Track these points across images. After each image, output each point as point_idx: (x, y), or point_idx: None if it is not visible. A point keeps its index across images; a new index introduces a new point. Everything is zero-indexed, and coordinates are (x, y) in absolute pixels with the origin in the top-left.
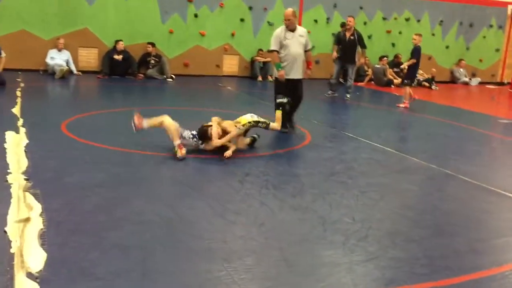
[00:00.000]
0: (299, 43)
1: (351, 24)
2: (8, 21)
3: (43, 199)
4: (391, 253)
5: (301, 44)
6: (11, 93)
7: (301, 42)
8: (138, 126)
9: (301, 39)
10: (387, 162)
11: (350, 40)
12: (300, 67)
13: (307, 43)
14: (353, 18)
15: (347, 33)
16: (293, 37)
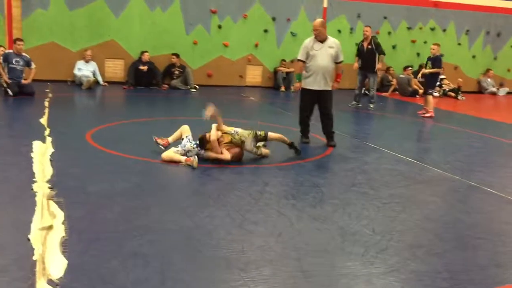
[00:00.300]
0: (328, 54)
1: (367, 34)
2: (39, 33)
3: (66, 207)
4: (412, 266)
5: (330, 56)
6: (40, 103)
7: (330, 53)
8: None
9: (330, 51)
10: (409, 173)
11: (368, 49)
12: (325, 79)
13: (337, 54)
14: (369, 28)
15: (364, 43)
16: (321, 48)
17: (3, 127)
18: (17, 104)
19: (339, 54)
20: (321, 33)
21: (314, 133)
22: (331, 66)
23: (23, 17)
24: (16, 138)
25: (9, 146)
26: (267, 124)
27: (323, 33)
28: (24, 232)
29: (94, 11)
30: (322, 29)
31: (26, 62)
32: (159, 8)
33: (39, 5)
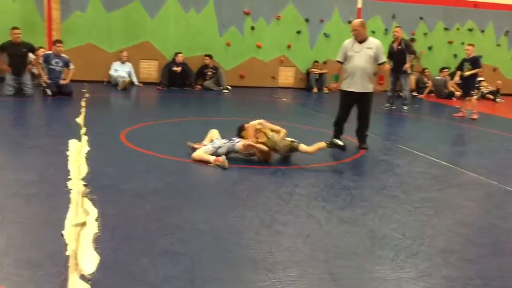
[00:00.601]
0: (366, 55)
1: (397, 35)
2: (77, 35)
3: (99, 205)
4: (444, 271)
5: (368, 57)
6: (77, 103)
7: (368, 54)
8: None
9: (368, 52)
10: (443, 177)
11: (398, 50)
12: (363, 80)
13: (377, 56)
14: (400, 28)
15: (394, 44)
16: (361, 49)
17: (42, 126)
18: (55, 103)
19: (379, 55)
20: (359, 33)
21: (345, 135)
22: (369, 68)
23: (62, 19)
24: (54, 137)
25: (47, 144)
26: (300, 126)
27: (362, 33)
28: (59, 228)
29: (130, 13)
30: (361, 29)
31: (65, 62)
32: (193, 10)
33: (78, 8)
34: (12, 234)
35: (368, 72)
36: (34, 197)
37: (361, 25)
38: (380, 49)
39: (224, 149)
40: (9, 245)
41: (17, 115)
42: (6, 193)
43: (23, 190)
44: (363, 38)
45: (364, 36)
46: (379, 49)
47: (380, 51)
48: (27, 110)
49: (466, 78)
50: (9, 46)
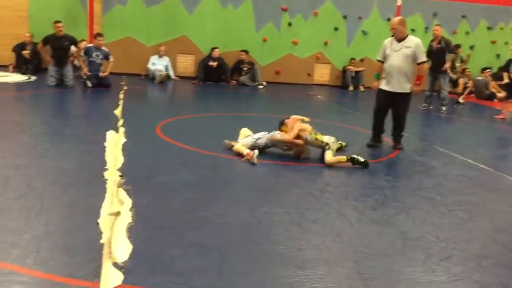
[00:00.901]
0: (403, 54)
1: (437, 33)
2: (117, 28)
3: (134, 195)
4: (477, 276)
5: (405, 56)
6: (115, 95)
7: (405, 53)
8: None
9: (406, 50)
10: (480, 180)
11: (437, 49)
12: (399, 80)
13: (415, 55)
14: (439, 27)
15: (434, 42)
16: (399, 48)
17: (81, 117)
18: (95, 95)
19: (418, 54)
20: (398, 31)
21: (383, 136)
22: (407, 67)
23: (103, 12)
24: (92, 128)
25: (86, 134)
26: (335, 124)
27: (401, 32)
28: (94, 216)
29: (169, 8)
30: (400, 27)
31: (105, 55)
32: (231, 5)
33: (119, 1)
34: (50, 221)
35: (406, 71)
36: (72, 185)
37: (400, 23)
38: (419, 47)
39: (263, 140)
40: (47, 232)
41: (58, 105)
42: (46, 180)
43: (62, 178)
44: (402, 37)
45: (403, 34)
46: (418, 48)
47: (419, 49)
48: (67, 101)
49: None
50: (52, 39)
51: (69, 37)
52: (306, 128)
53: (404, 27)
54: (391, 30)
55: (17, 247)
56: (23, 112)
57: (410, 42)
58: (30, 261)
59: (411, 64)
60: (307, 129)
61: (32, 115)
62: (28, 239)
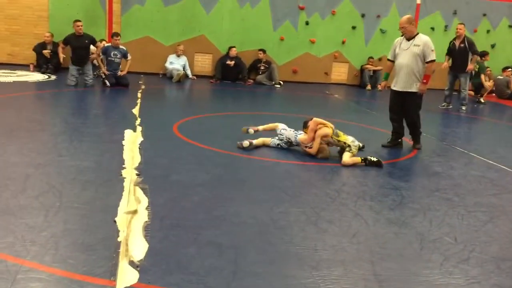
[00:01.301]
0: (412, 53)
1: (461, 32)
2: (135, 28)
3: (150, 194)
4: (495, 279)
5: (413, 54)
6: (133, 94)
7: (414, 52)
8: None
9: (415, 49)
10: (500, 181)
11: (460, 48)
12: (407, 79)
13: (424, 53)
14: (463, 25)
15: (456, 41)
16: (408, 47)
17: (100, 115)
18: (113, 94)
19: (426, 53)
20: (407, 30)
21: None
22: (415, 66)
23: (122, 12)
24: (111, 126)
25: (104, 133)
26: (352, 123)
27: (409, 30)
28: (112, 214)
29: (187, 7)
30: (408, 26)
31: (123, 54)
32: (248, 4)
33: (137, 1)
34: (69, 219)
35: (414, 70)
36: (90, 183)
37: (409, 22)
38: (428, 46)
39: (287, 134)
40: (65, 229)
41: (77, 104)
42: (65, 178)
43: (80, 176)
44: (411, 35)
45: (413, 33)
46: (427, 46)
47: (427, 48)
48: (86, 100)
49: None
50: (72, 39)
51: (89, 36)
52: (327, 133)
53: (413, 26)
54: (400, 30)
55: (36, 245)
56: (43, 111)
57: (419, 40)
58: (49, 259)
59: (420, 63)
60: (328, 134)
61: (52, 114)
62: (47, 237)
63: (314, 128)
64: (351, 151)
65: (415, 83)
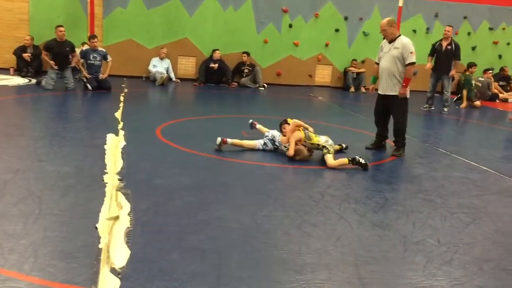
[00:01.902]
0: (391, 55)
1: (449, 34)
2: (118, 31)
3: (133, 199)
4: (478, 280)
5: (393, 57)
6: (115, 98)
7: (393, 54)
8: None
9: (394, 52)
10: (483, 182)
11: (446, 50)
12: (388, 82)
13: (403, 56)
14: (451, 28)
15: (443, 42)
16: (389, 50)
17: (81, 120)
18: (95, 98)
19: (405, 55)
20: (387, 33)
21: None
22: (395, 69)
23: (104, 15)
24: (92, 131)
25: (86, 138)
26: (336, 126)
27: (390, 33)
28: (93, 221)
29: (170, 10)
30: (389, 29)
31: (103, 56)
32: (232, 7)
33: (119, 4)
34: (48, 226)
35: (395, 73)
36: (70, 189)
37: (389, 24)
38: (407, 48)
39: (273, 132)
40: (45, 237)
41: (58, 108)
42: (45, 184)
43: (61, 181)
44: (391, 38)
45: (394, 35)
46: (406, 49)
47: (406, 50)
48: (68, 103)
49: None
50: (54, 45)
51: (70, 43)
52: (300, 137)
53: (393, 28)
54: (381, 32)
55: (14, 253)
56: (23, 115)
57: (399, 43)
58: (28, 267)
59: (400, 66)
60: (301, 137)
61: (32, 119)
62: (25, 245)
63: (293, 129)
64: (329, 152)
65: (396, 86)
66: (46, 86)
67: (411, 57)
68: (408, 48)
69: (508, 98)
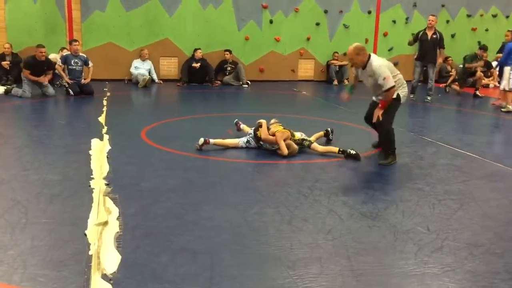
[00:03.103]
0: (369, 82)
1: (433, 23)
2: (97, 34)
3: (121, 204)
4: (469, 266)
5: (372, 83)
6: (98, 102)
7: (371, 82)
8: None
9: (370, 80)
10: (468, 168)
11: (432, 39)
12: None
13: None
14: (435, 17)
15: (428, 32)
16: (365, 77)
17: (65, 126)
18: (78, 103)
19: (380, 82)
20: (355, 61)
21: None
22: (380, 90)
23: (82, 19)
24: (76, 136)
25: (70, 144)
26: (321, 119)
27: (359, 61)
28: (81, 227)
29: (149, 11)
30: (356, 57)
31: (84, 61)
32: (211, 5)
33: (97, 7)
34: (36, 235)
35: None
36: (57, 196)
37: (355, 53)
38: (380, 75)
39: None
40: (33, 246)
41: (40, 115)
42: (30, 193)
43: (46, 190)
44: (361, 65)
45: (363, 62)
46: (378, 75)
47: (379, 77)
48: (50, 110)
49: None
50: (33, 64)
51: (49, 61)
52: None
53: (361, 55)
54: (349, 61)
55: (2, 264)
56: (5, 123)
57: (371, 71)
58: (17, 278)
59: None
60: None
61: (15, 127)
62: (13, 256)
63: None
64: (312, 142)
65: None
66: (24, 94)
67: (387, 83)
68: (381, 74)
69: (489, 83)
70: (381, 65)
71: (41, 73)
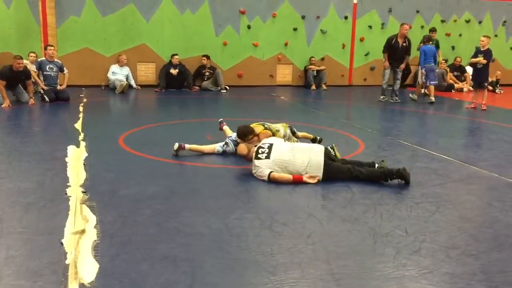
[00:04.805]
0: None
1: (406, 33)
2: (73, 40)
3: (98, 211)
4: (446, 268)
5: None
6: (75, 109)
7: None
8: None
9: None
10: (444, 171)
11: (403, 46)
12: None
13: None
14: (408, 26)
15: (399, 39)
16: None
17: (40, 133)
18: (53, 110)
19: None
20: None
21: (348, 133)
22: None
23: (57, 24)
24: (52, 143)
25: (45, 151)
26: (300, 124)
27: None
28: (58, 236)
29: (126, 16)
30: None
31: (59, 68)
32: (189, 11)
33: (73, 12)
34: (11, 244)
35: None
36: (32, 205)
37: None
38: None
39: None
40: (8, 256)
41: (15, 122)
42: (4, 202)
43: (22, 198)
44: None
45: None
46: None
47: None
48: (25, 117)
49: (480, 70)
50: (10, 75)
51: (26, 72)
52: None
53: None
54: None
55: None
56: None
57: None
58: None
59: None
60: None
61: None
62: None
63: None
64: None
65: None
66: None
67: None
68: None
69: (463, 87)
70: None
71: (17, 83)
